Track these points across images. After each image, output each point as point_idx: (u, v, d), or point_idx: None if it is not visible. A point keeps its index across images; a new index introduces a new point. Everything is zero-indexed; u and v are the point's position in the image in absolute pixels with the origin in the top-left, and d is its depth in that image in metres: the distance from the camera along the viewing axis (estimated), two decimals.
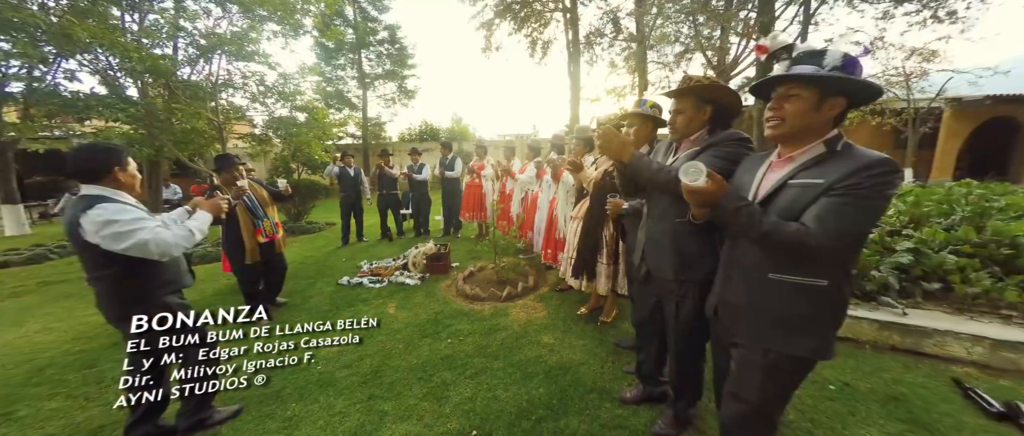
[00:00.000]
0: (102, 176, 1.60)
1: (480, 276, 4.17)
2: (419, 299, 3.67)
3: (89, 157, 1.61)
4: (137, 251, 1.55)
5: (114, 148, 1.68)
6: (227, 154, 3.21)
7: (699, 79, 1.52)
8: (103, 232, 1.50)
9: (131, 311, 1.53)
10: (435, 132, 17.24)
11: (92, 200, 1.55)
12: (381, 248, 5.77)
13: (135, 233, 1.54)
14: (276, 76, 6.90)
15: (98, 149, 1.66)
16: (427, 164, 6.13)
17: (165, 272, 1.74)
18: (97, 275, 1.62)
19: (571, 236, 2.77)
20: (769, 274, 1.11)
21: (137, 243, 1.54)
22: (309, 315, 3.43)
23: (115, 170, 1.62)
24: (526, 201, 4.51)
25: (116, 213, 1.53)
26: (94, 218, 1.50)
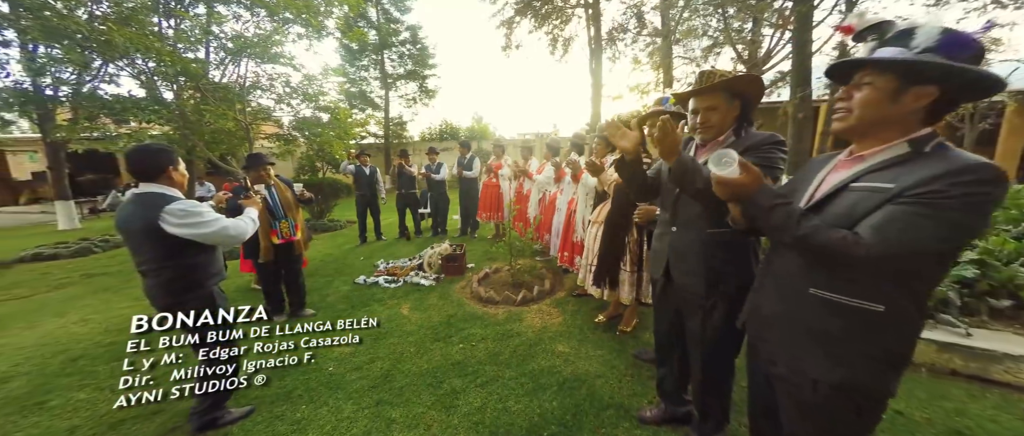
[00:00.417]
0: (159, 175, 1.74)
1: (495, 278, 4.09)
2: (433, 300, 3.63)
3: (148, 157, 1.74)
4: (217, 237, 1.78)
5: (168, 149, 1.81)
6: (258, 153, 3.26)
7: (723, 72, 1.39)
8: (187, 221, 1.68)
9: (184, 297, 1.72)
10: (455, 131, 17.32)
11: (156, 197, 1.70)
12: (399, 247, 5.80)
13: (215, 222, 1.76)
14: (301, 77, 7.08)
15: (155, 149, 1.79)
16: (445, 163, 6.11)
17: (214, 264, 1.90)
18: (162, 265, 1.72)
19: (590, 241, 2.63)
20: (810, 289, 0.95)
21: (219, 230, 1.77)
22: (325, 314, 3.45)
23: (169, 169, 1.76)
24: (544, 202, 4.40)
25: (192, 206, 1.72)
26: (176, 210, 1.67)
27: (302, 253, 3.37)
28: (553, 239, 3.95)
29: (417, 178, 6.12)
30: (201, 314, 1.67)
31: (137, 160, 1.74)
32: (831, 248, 0.85)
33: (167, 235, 1.67)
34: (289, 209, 3.23)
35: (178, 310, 1.65)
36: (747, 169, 0.93)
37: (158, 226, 1.65)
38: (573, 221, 3.20)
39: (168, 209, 1.66)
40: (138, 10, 5.17)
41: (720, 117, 1.42)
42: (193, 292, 1.78)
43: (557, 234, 3.82)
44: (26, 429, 2.10)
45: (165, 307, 1.73)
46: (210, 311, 1.70)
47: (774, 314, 1.05)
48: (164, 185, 1.75)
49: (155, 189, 1.73)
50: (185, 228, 1.68)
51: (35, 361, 2.83)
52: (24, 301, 4.25)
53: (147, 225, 1.66)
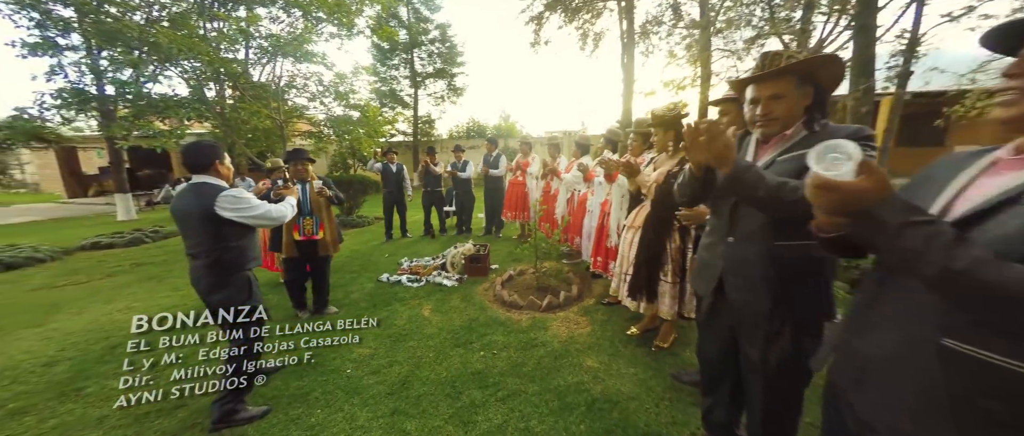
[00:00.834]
0: (208, 167, 1.95)
1: (520, 281, 3.92)
2: (455, 302, 3.51)
3: (200, 151, 1.95)
4: (262, 219, 2.03)
5: (216, 145, 2.02)
6: (299, 149, 3.28)
7: (791, 53, 1.16)
8: (238, 206, 1.92)
9: (228, 279, 1.95)
10: (483, 129, 17.31)
11: (210, 186, 1.92)
12: (423, 245, 5.76)
13: (260, 206, 2.02)
14: (332, 75, 7.22)
15: (206, 145, 1.99)
16: (471, 161, 6.01)
17: (252, 248, 2.12)
18: (211, 247, 1.92)
19: (625, 247, 2.40)
20: (942, 339, 0.67)
21: (264, 213, 2.02)
22: (348, 312, 3.42)
23: (217, 163, 1.97)
24: (572, 202, 4.18)
25: (241, 193, 1.97)
26: (228, 197, 1.90)
27: (329, 253, 3.29)
28: (583, 242, 3.73)
29: (443, 176, 6.06)
30: (240, 297, 1.95)
31: (190, 154, 1.94)
32: (1009, 294, 0.57)
33: (219, 219, 1.88)
34: (317, 208, 3.20)
35: (221, 291, 1.92)
36: (869, 171, 0.67)
37: (213, 211, 1.86)
38: (607, 225, 2.97)
39: (222, 196, 1.88)
40: (186, 14, 5.42)
41: (787, 108, 1.19)
42: (235, 273, 1.98)
43: (588, 237, 3.60)
44: (61, 415, 2.16)
45: (209, 287, 1.94)
46: (248, 293, 2.01)
47: (878, 366, 0.77)
48: (213, 177, 1.96)
49: (207, 180, 1.94)
50: (236, 212, 1.91)
51: (80, 347, 2.96)
52: (80, 287, 4.55)
53: (204, 211, 1.86)
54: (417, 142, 16.02)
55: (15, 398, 2.33)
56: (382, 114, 8.17)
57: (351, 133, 7.38)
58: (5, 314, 3.70)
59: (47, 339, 3.10)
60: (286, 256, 3.16)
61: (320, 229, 3.21)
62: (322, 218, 3.21)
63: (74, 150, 16.01)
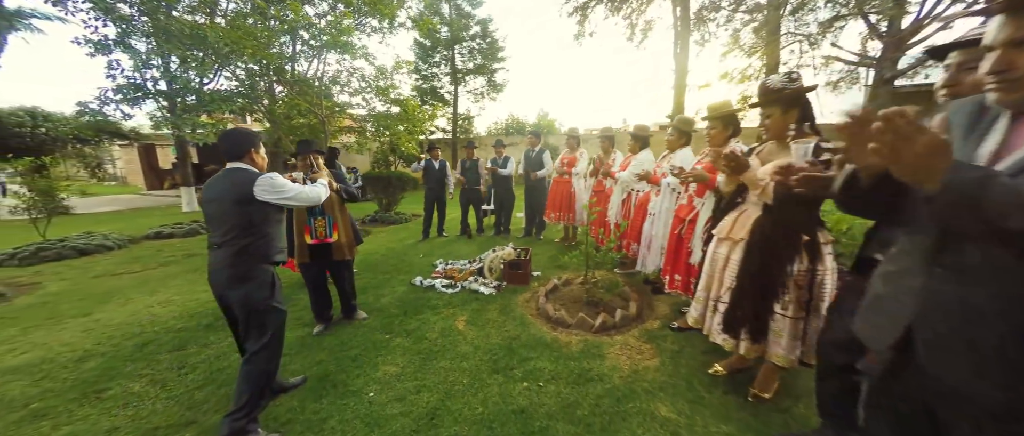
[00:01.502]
0: (244, 155, 1.92)
1: (566, 293, 3.44)
2: (492, 314, 3.11)
3: (237, 138, 1.93)
4: (301, 200, 2.02)
5: (253, 133, 2.01)
6: (307, 140, 2.99)
7: None
8: (276, 190, 1.89)
9: (255, 268, 1.86)
10: (522, 126, 16.89)
11: (245, 172, 1.88)
12: (459, 246, 5.44)
13: (295, 188, 1.99)
14: (374, 71, 7.13)
15: (243, 132, 1.98)
16: (512, 158, 5.59)
17: (281, 239, 2.02)
18: (241, 234, 1.84)
19: (717, 266, 1.84)
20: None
21: (298, 193, 1.99)
22: (378, 319, 3.13)
23: (252, 151, 1.94)
24: (628, 203, 3.61)
25: (277, 177, 1.94)
26: (265, 181, 1.87)
27: (345, 257, 2.92)
28: (642, 251, 3.17)
29: (483, 174, 5.70)
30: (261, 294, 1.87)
31: (229, 140, 1.92)
32: None
33: (255, 203, 1.84)
34: (330, 206, 2.81)
35: (243, 284, 1.83)
36: None
37: (251, 194, 1.82)
38: (688, 235, 2.39)
39: (260, 180, 1.86)
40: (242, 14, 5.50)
41: None
42: (261, 264, 1.89)
43: (648, 245, 3.04)
44: (75, 422, 2.02)
45: (230, 280, 1.83)
46: (270, 292, 1.90)
47: None
48: (247, 164, 1.92)
49: (242, 166, 1.90)
50: (274, 194, 1.88)
51: (115, 341, 2.91)
52: (134, 276, 4.71)
53: (240, 194, 1.82)
54: (456, 139, 15.94)
55: (41, 397, 2.25)
56: (422, 109, 7.98)
57: (391, 129, 7.27)
58: (63, 301, 3.83)
59: (88, 331, 3.10)
60: (300, 262, 2.87)
61: (334, 230, 2.80)
62: (335, 218, 2.83)
63: (153, 147, 17.68)
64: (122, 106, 4.81)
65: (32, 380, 2.42)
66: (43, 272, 4.90)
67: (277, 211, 1.95)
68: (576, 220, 4.80)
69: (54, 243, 5.87)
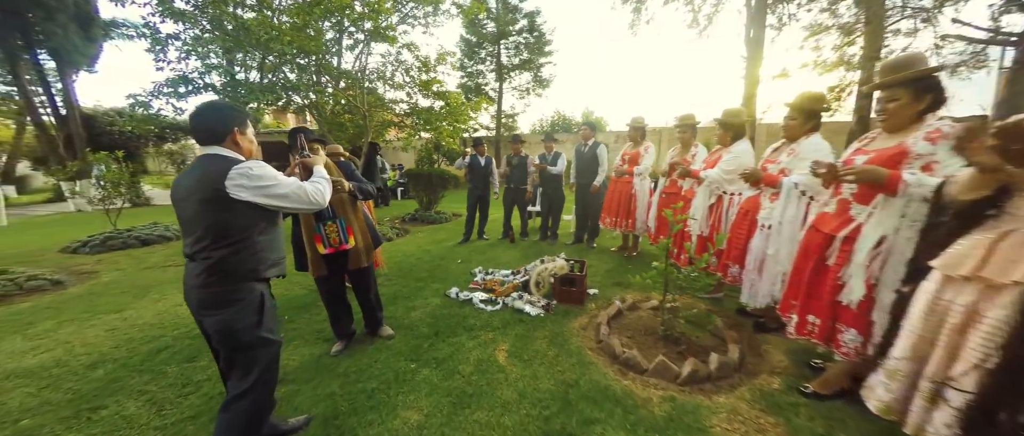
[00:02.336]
0: (224, 137, 1.45)
1: (633, 320, 2.74)
2: (541, 345, 2.50)
3: (212, 115, 1.46)
4: (294, 200, 1.49)
5: (237, 109, 1.52)
6: (302, 126, 2.49)
7: None
8: (258, 182, 1.39)
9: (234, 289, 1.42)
10: (568, 123, 16.08)
11: (220, 159, 1.40)
12: (501, 251, 4.89)
13: (287, 182, 1.47)
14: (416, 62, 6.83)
15: (220, 106, 1.51)
16: (563, 155, 4.93)
17: (273, 250, 1.56)
18: (216, 243, 1.39)
19: (946, 326, 1.06)
20: None
21: (292, 191, 1.47)
22: (405, 339, 2.65)
23: (235, 132, 1.47)
24: (717, 210, 2.82)
25: (260, 166, 1.42)
26: (245, 170, 1.37)
27: (362, 264, 2.44)
28: (748, 276, 2.38)
29: (531, 172, 5.11)
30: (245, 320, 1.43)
31: (200, 119, 1.45)
32: None
33: (231, 203, 1.36)
34: (341, 208, 2.32)
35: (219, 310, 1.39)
36: None
37: (222, 191, 1.34)
38: (841, 262, 1.60)
39: (237, 168, 1.37)
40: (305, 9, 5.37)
41: None
42: (243, 283, 1.43)
43: (765, 271, 2.25)
44: None
45: (203, 302, 1.40)
46: (257, 317, 1.46)
47: None
48: (229, 150, 1.45)
49: (220, 152, 1.43)
50: (255, 191, 1.39)
51: (132, 345, 2.69)
52: (178, 268, 4.70)
53: (210, 191, 1.34)
54: (499, 137, 15.52)
55: (36, 410, 2.01)
56: (466, 103, 7.56)
57: (434, 124, 6.94)
58: (108, 293, 3.82)
59: (112, 330, 2.94)
60: (316, 276, 2.39)
61: (348, 235, 2.32)
62: (349, 220, 2.34)
63: None
64: (171, 100, 4.92)
65: (37, 388, 2.21)
66: (105, 261, 5.08)
67: (264, 213, 1.45)
68: (637, 227, 4.04)
69: (122, 233, 6.19)
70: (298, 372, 2.30)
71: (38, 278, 4.12)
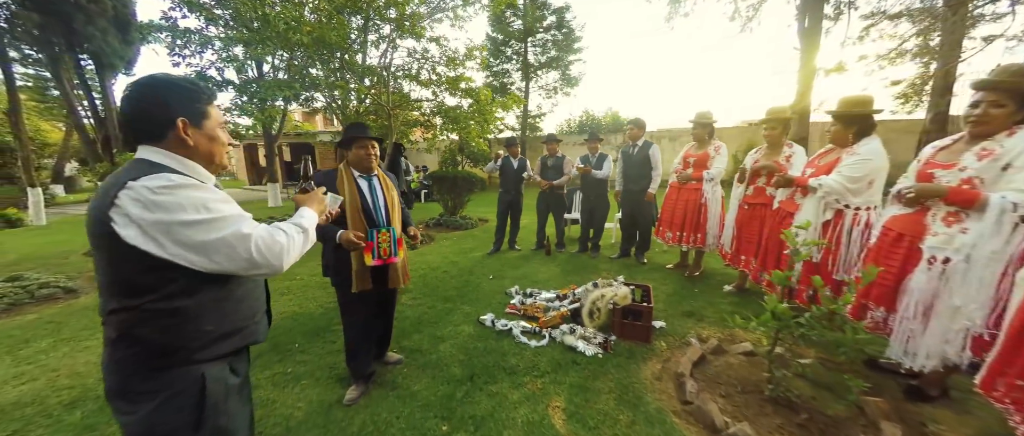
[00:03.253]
0: (162, 133, 0.90)
1: (721, 368, 2.12)
2: (608, 403, 1.93)
3: (146, 96, 0.89)
4: (226, 256, 0.85)
5: (188, 85, 0.94)
6: (360, 123, 2.12)
7: None
8: (163, 215, 0.80)
9: (151, 376, 0.87)
10: (597, 123, 15.36)
11: (142, 169, 0.85)
12: (536, 265, 4.34)
13: (224, 222, 0.86)
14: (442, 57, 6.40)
15: (159, 83, 0.91)
16: (609, 156, 4.33)
17: (230, 316, 0.97)
18: (123, 299, 0.85)
19: None
20: None
21: (230, 237, 0.85)
22: (433, 383, 2.14)
23: (180, 124, 0.90)
24: (837, 228, 2.15)
25: (183, 186, 0.83)
26: (142, 193, 0.80)
27: (399, 285, 2.10)
28: (903, 325, 1.71)
29: (569, 174, 4.55)
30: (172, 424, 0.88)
31: (128, 103, 0.89)
32: None
33: (120, 246, 0.80)
34: (394, 213, 2.04)
35: (130, 402, 0.87)
36: None
37: (106, 224, 0.80)
38: None
39: (132, 185, 0.80)
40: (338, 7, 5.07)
41: None
42: (169, 369, 0.89)
43: (934, 321, 1.59)
44: None
45: (112, 392, 0.89)
46: (194, 420, 0.90)
47: None
48: (168, 154, 0.90)
49: (148, 157, 0.89)
50: (152, 228, 0.80)
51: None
52: None
53: (94, 221, 0.82)
54: (525, 137, 15.00)
55: None
56: (496, 101, 7.07)
57: (461, 123, 6.50)
58: None
59: None
60: (360, 289, 1.97)
61: (399, 247, 2.04)
62: (399, 231, 2.06)
63: (254, 145, 19.67)
64: None
65: (3, 433, 1.85)
66: None
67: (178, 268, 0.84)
68: (707, 243, 3.38)
69: None
70: (304, 427, 1.83)
71: (51, 285, 3.91)
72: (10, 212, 8.41)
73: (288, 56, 6.29)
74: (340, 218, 1.87)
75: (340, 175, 1.92)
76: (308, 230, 1.05)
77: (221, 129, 1.00)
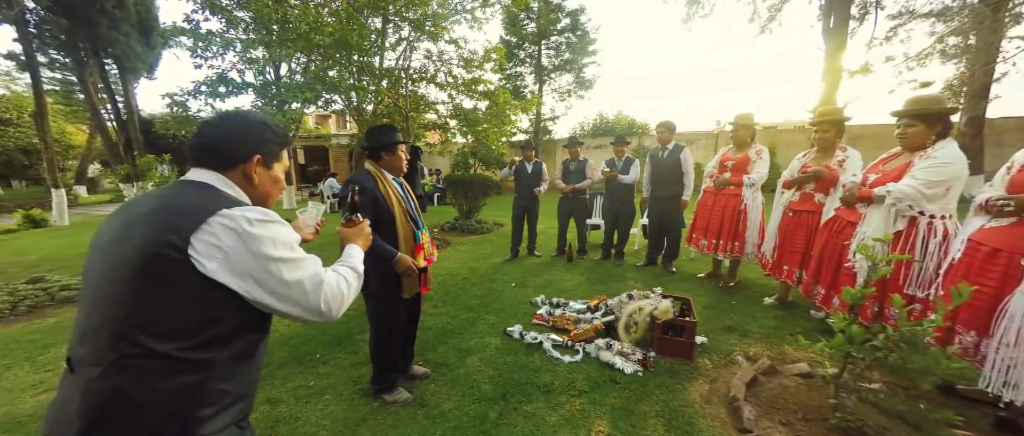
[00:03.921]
0: (234, 164, 0.85)
1: (776, 391, 1.95)
2: (656, 429, 1.78)
3: (231, 127, 0.87)
4: (298, 301, 0.79)
5: (272, 126, 0.92)
6: (388, 125, 2.05)
7: None
8: (262, 249, 0.74)
9: None
10: (611, 127, 15.17)
11: (210, 195, 0.78)
12: (559, 272, 4.19)
13: (306, 264, 0.81)
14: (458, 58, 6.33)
15: (249, 119, 0.90)
16: (636, 161, 4.16)
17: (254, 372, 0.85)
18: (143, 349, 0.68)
19: None
20: None
21: (308, 281, 0.80)
22: (463, 401, 2.01)
23: (254, 161, 0.87)
24: (908, 241, 1.95)
25: (274, 222, 0.78)
26: (239, 223, 0.73)
27: (430, 288, 2.11)
28: (1002, 354, 1.52)
29: (592, 178, 4.41)
30: None
31: (212, 130, 0.86)
32: None
33: (186, 276, 0.69)
34: (420, 212, 2.03)
35: None
36: None
37: (178, 248, 0.69)
38: None
39: (227, 213, 0.73)
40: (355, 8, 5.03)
41: None
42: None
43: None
44: None
45: None
46: None
47: None
48: (232, 184, 0.84)
49: (212, 183, 0.82)
50: (247, 261, 0.72)
51: None
52: None
53: (157, 242, 0.69)
54: (538, 141, 14.89)
55: None
56: (514, 103, 6.96)
57: (477, 124, 6.41)
58: None
59: None
60: (410, 296, 1.92)
61: (433, 248, 2.05)
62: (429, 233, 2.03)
63: None
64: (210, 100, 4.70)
65: None
66: None
67: (245, 310, 0.76)
68: (747, 252, 3.19)
69: None
70: None
71: (71, 288, 3.90)
72: (35, 213, 8.59)
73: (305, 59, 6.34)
74: (380, 224, 1.78)
75: (380, 178, 1.85)
76: (362, 274, 1.00)
77: (284, 173, 0.98)
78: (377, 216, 1.77)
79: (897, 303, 1.52)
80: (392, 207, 1.82)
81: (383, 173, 1.89)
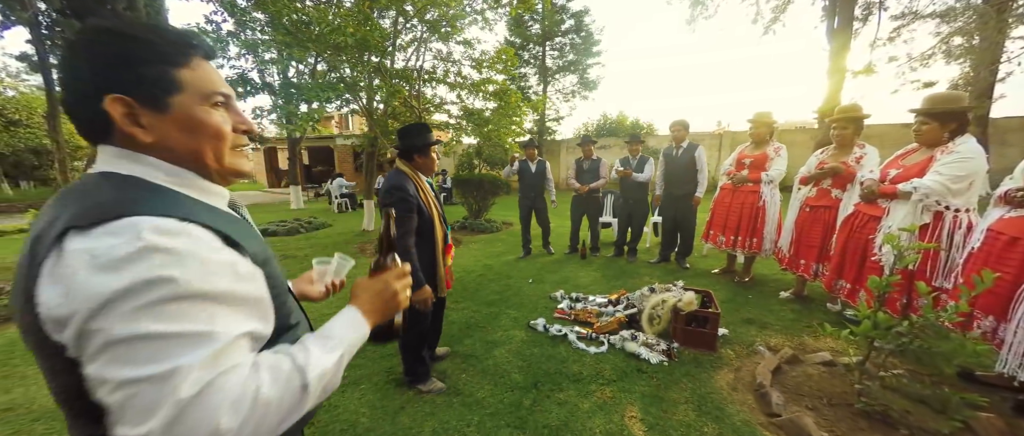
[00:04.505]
0: (99, 121, 0.50)
1: (800, 379, 2.01)
2: (687, 414, 1.84)
3: (81, 56, 0.50)
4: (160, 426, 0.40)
5: (139, 36, 0.51)
6: (425, 124, 2.04)
7: None
8: (90, 325, 0.40)
9: None
10: (615, 127, 15.23)
11: (96, 196, 0.47)
12: (574, 269, 4.26)
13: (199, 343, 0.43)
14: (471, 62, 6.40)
15: (102, 32, 0.50)
16: (651, 159, 4.23)
17: None
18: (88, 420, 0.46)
19: None
20: None
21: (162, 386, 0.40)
22: (496, 390, 2.07)
23: (119, 105, 0.49)
24: (936, 234, 2.02)
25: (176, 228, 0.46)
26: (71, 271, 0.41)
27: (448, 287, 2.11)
28: (1018, 334, 1.58)
29: (606, 178, 4.47)
30: None
31: (63, 69, 0.51)
32: None
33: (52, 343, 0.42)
34: None
35: None
36: None
37: (34, 305, 0.42)
38: None
39: (59, 258, 0.42)
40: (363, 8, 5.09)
41: None
42: None
43: None
44: None
45: None
46: None
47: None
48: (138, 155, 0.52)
49: (113, 169, 0.51)
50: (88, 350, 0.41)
51: None
52: None
53: (20, 297, 0.45)
54: (542, 142, 14.96)
55: None
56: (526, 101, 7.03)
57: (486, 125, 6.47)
58: None
59: None
60: (444, 294, 2.01)
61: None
62: None
63: (274, 149, 20.03)
64: None
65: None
66: None
67: None
68: (764, 248, 3.26)
69: None
70: (373, 434, 1.78)
71: None
72: None
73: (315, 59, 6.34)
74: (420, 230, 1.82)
75: (417, 181, 1.88)
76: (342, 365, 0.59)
77: (214, 107, 0.55)
78: (419, 223, 1.79)
79: (922, 291, 1.58)
80: (431, 211, 1.85)
81: (418, 175, 1.92)
